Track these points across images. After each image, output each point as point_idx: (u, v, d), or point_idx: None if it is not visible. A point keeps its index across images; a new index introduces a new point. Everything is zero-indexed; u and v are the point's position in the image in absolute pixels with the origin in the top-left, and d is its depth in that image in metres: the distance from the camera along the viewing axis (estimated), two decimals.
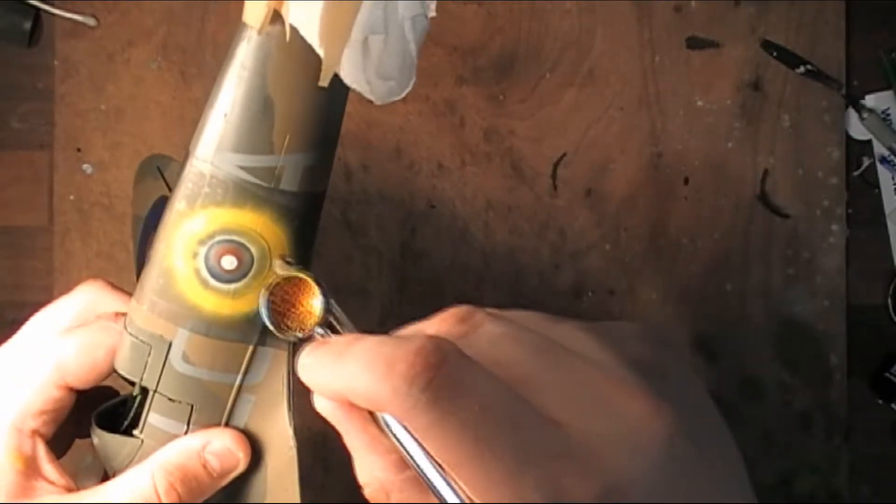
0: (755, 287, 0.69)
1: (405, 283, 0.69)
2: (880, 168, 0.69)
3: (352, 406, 0.32)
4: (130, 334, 0.38)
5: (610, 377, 0.31)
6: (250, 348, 0.38)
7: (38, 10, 0.69)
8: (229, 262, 0.36)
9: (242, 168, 0.35)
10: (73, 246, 0.69)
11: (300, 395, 0.37)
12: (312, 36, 0.33)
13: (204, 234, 0.36)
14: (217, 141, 0.36)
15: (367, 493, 0.33)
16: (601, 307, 0.69)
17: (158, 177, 0.57)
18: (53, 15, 0.69)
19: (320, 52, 0.33)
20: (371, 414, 0.32)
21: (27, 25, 0.68)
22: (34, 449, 0.39)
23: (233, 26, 0.71)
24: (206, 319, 0.37)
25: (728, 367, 0.69)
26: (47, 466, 0.39)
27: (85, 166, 0.69)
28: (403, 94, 0.34)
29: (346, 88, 0.35)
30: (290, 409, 0.38)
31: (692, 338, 0.69)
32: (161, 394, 0.38)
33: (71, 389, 0.40)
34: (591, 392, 0.30)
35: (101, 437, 0.39)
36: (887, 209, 0.69)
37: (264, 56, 0.35)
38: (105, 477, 0.40)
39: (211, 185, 0.36)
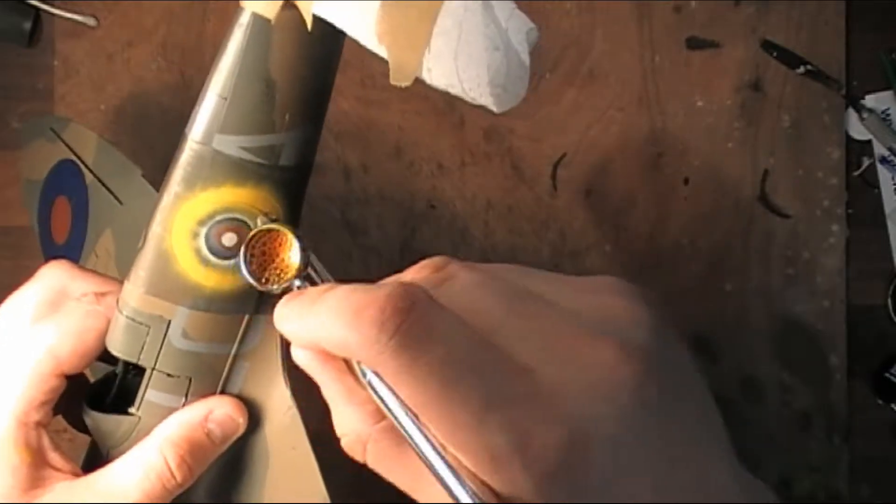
0: (755, 287, 0.69)
1: None
2: (880, 168, 0.69)
3: (327, 356, 0.32)
4: (126, 317, 0.38)
5: (581, 326, 0.31)
6: (246, 317, 0.38)
7: (38, 10, 0.69)
8: (229, 239, 0.37)
9: (244, 149, 0.36)
10: None
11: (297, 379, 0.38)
12: (365, 36, 0.33)
13: (204, 214, 0.36)
14: (217, 123, 0.36)
15: (344, 443, 0.33)
16: None
17: (54, 139, 0.56)
18: (53, 15, 0.69)
19: (380, 52, 0.33)
20: (347, 364, 0.32)
21: (27, 25, 0.68)
22: (39, 440, 0.39)
23: None
24: (207, 296, 0.37)
25: (728, 367, 0.69)
26: (53, 454, 0.39)
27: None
28: (518, 101, 0.35)
29: (338, 59, 0.36)
30: (284, 370, 0.39)
31: (692, 338, 0.69)
32: (159, 371, 0.38)
33: (64, 376, 0.40)
34: (560, 340, 0.31)
35: (94, 419, 0.40)
36: (887, 209, 0.69)
37: (265, 38, 0.35)
38: (98, 455, 0.41)
39: (212, 167, 0.36)
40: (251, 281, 0.36)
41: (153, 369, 0.38)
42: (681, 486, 0.31)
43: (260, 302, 0.38)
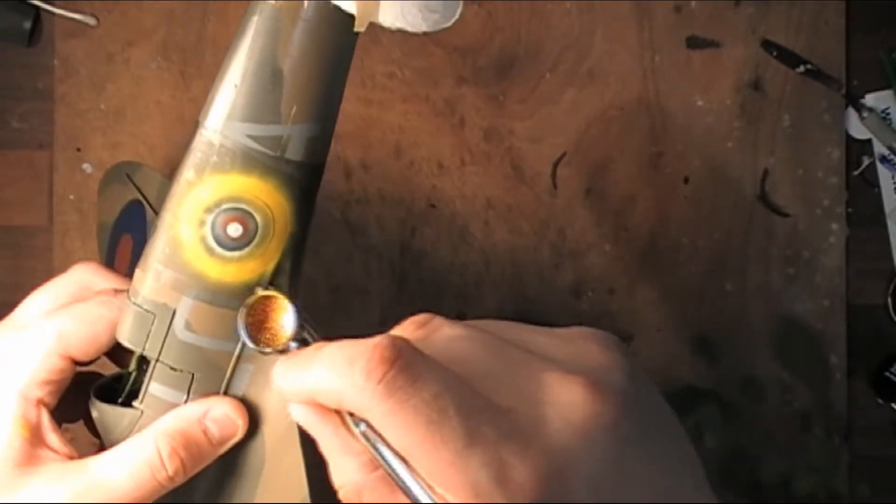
0: (755, 287, 0.69)
1: (405, 283, 0.69)
2: (880, 167, 0.69)
3: (323, 409, 0.34)
4: (134, 304, 0.39)
5: (557, 369, 0.33)
6: None
7: (38, 9, 0.69)
8: (235, 230, 0.37)
9: (250, 137, 0.37)
10: (72, 246, 0.69)
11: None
12: None
13: (211, 201, 0.37)
14: (227, 110, 0.37)
15: (342, 494, 0.34)
16: (601, 307, 0.69)
17: (127, 182, 0.57)
18: (53, 15, 0.69)
19: (347, 7, 0.35)
20: (341, 418, 0.34)
21: (27, 25, 0.68)
22: (39, 417, 0.40)
23: (233, 26, 0.71)
24: (211, 287, 0.38)
25: (728, 367, 0.69)
26: (51, 435, 0.40)
27: (85, 166, 0.69)
28: (450, 24, 0.36)
29: (349, 64, 0.37)
30: None
31: (692, 338, 0.69)
32: (163, 363, 0.39)
33: (72, 361, 0.41)
34: (538, 382, 0.32)
35: (100, 410, 0.40)
36: (887, 209, 0.69)
37: (276, 29, 0.36)
38: (102, 449, 0.41)
39: (220, 153, 0.37)
40: (250, 344, 0.37)
41: (157, 360, 0.39)
42: None
43: None
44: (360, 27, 0.36)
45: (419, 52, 0.69)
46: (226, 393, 0.40)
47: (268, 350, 0.37)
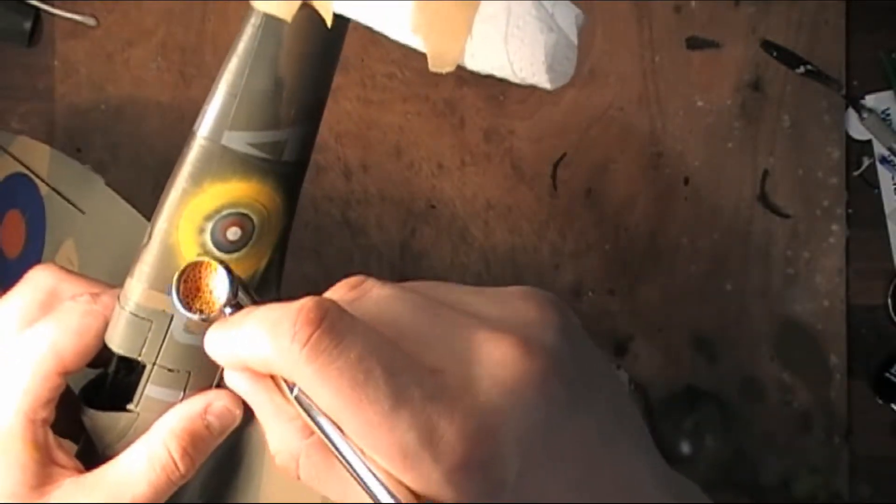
0: (755, 287, 0.69)
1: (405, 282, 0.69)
2: (880, 168, 0.69)
3: (256, 375, 0.34)
4: (129, 312, 0.39)
5: (488, 328, 0.32)
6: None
7: (38, 10, 0.69)
8: (234, 234, 0.38)
9: (251, 145, 0.37)
10: None
11: None
12: (394, 29, 0.35)
13: (211, 209, 0.37)
14: (226, 121, 0.37)
15: (278, 460, 0.34)
16: (601, 307, 0.69)
17: (2, 154, 0.56)
18: (53, 15, 0.69)
19: (414, 43, 0.35)
20: (275, 383, 0.34)
21: (27, 25, 0.68)
22: (46, 437, 0.39)
23: (233, 26, 0.71)
24: None
25: (728, 367, 0.69)
26: (58, 452, 0.40)
27: (85, 166, 0.69)
28: (568, 80, 0.37)
29: (339, 56, 0.37)
30: None
31: (692, 338, 0.69)
32: (160, 366, 0.39)
33: (64, 375, 0.40)
34: (468, 342, 0.32)
35: (93, 417, 0.40)
36: (887, 209, 0.69)
37: (276, 39, 0.36)
38: (92, 453, 0.41)
39: (220, 163, 0.37)
40: (182, 311, 0.37)
41: (154, 364, 0.39)
42: (598, 486, 0.32)
43: (257, 294, 0.39)
44: (438, 67, 0.35)
45: (419, 52, 0.69)
46: (219, 385, 0.40)
47: (202, 317, 0.37)
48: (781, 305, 0.69)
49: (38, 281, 0.42)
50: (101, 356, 0.41)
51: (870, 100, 0.69)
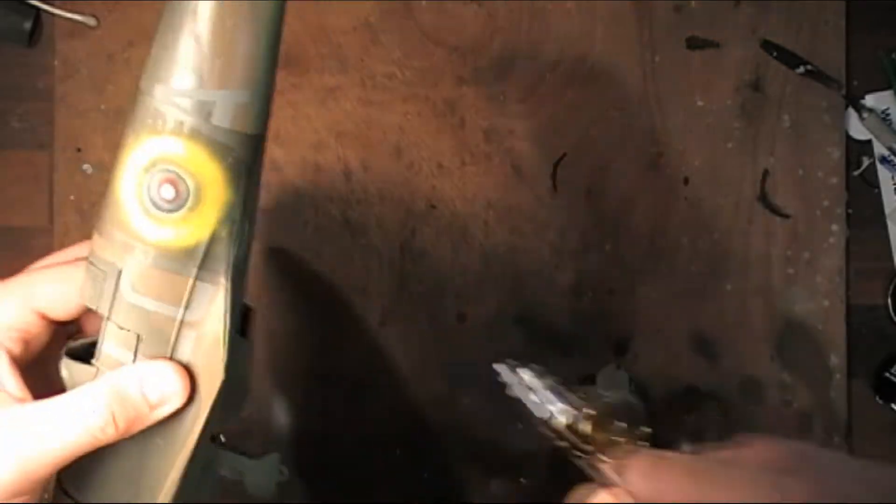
0: (755, 287, 0.69)
1: (405, 283, 0.69)
2: (880, 168, 0.69)
3: None
4: (90, 263, 0.40)
5: None
6: (190, 281, 0.39)
7: (38, 10, 0.69)
8: (168, 192, 0.38)
9: (177, 98, 0.38)
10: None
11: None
12: None
13: (147, 162, 0.38)
14: (156, 74, 0.38)
15: None
16: (601, 307, 0.69)
17: None
18: (53, 15, 0.69)
19: None
20: None
21: (27, 25, 0.68)
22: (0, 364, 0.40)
23: None
24: (150, 249, 0.39)
25: (728, 367, 0.69)
26: (8, 378, 0.41)
27: (85, 166, 0.69)
28: None
29: (276, 32, 0.38)
30: (224, 346, 0.40)
31: (692, 338, 0.69)
32: (113, 322, 0.40)
33: (44, 317, 0.42)
34: None
35: (67, 366, 0.41)
36: (887, 209, 0.69)
37: None
38: None
39: (153, 116, 0.38)
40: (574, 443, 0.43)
41: (108, 319, 0.40)
42: None
43: (202, 269, 0.39)
44: None
45: (419, 52, 0.69)
46: (171, 358, 0.40)
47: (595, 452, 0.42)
48: (781, 305, 0.69)
49: (75, 249, 0.44)
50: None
51: (870, 100, 0.69)
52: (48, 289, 0.42)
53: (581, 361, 0.69)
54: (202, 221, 0.39)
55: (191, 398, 0.40)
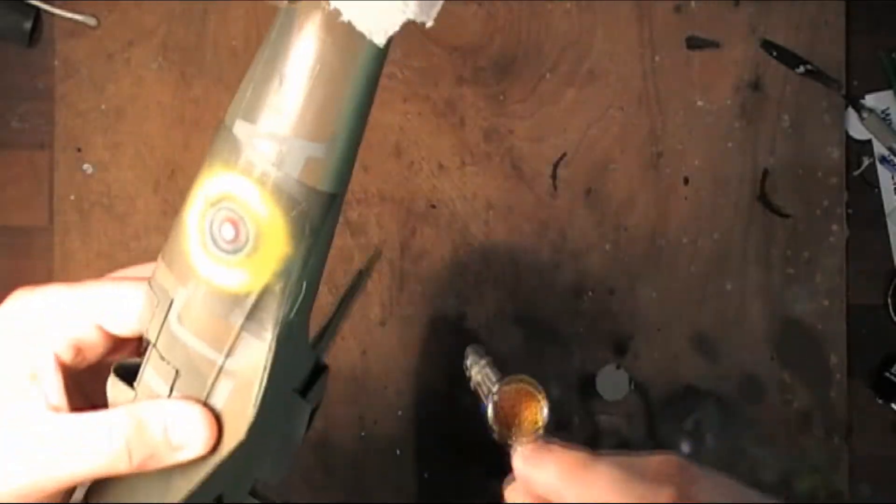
0: (755, 287, 0.69)
1: (405, 282, 0.69)
2: (880, 168, 0.69)
3: None
4: (149, 285, 0.39)
5: None
6: (235, 330, 0.38)
7: (38, 10, 0.69)
8: (229, 232, 0.37)
9: (253, 140, 0.36)
10: (73, 246, 0.69)
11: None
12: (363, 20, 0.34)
13: (215, 196, 0.37)
14: (239, 108, 0.36)
15: None
16: (601, 307, 0.69)
17: None
18: (53, 15, 0.69)
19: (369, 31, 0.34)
20: None
21: (27, 25, 0.68)
22: (45, 367, 0.40)
23: (233, 26, 0.71)
24: (201, 285, 0.38)
25: (728, 367, 0.69)
26: (51, 384, 0.40)
27: (85, 166, 0.69)
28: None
29: (367, 91, 0.36)
30: (255, 406, 0.38)
31: (692, 338, 0.69)
32: (157, 349, 0.39)
33: (104, 332, 0.41)
34: None
35: (111, 383, 0.40)
36: (887, 209, 0.69)
37: (288, 30, 0.35)
38: None
39: (228, 149, 0.37)
40: (494, 430, 0.40)
41: (153, 345, 0.39)
42: None
43: (249, 320, 0.38)
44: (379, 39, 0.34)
45: (419, 52, 0.69)
46: (205, 403, 0.39)
47: (510, 440, 0.40)
48: (781, 305, 0.69)
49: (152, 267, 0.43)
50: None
51: (870, 100, 0.69)
52: (111, 303, 0.40)
53: (581, 361, 0.69)
54: (257, 270, 0.37)
55: (214, 448, 0.39)
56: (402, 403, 0.69)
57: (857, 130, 0.69)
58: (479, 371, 0.50)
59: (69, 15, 0.69)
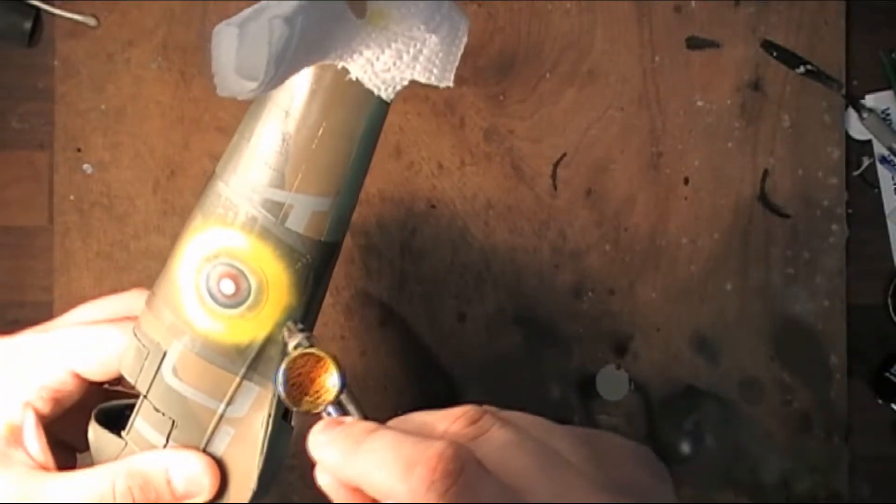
0: (755, 287, 0.69)
1: (405, 283, 0.69)
2: (880, 168, 0.69)
3: (358, 492, 0.33)
4: (136, 336, 0.39)
5: (598, 493, 0.32)
6: (236, 380, 0.38)
7: (38, 10, 0.69)
8: (228, 287, 0.37)
9: (254, 196, 0.36)
10: (73, 246, 0.69)
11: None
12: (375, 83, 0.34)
13: (210, 252, 0.37)
14: (235, 165, 0.36)
15: None
16: (601, 307, 0.69)
17: None
18: (53, 15, 0.69)
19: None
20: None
21: (27, 25, 0.68)
22: (23, 420, 0.39)
23: None
24: (198, 338, 0.37)
25: (728, 367, 0.69)
26: (32, 441, 0.39)
27: (85, 166, 0.69)
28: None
29: (370, 145, 0.37)
30: (261, 453, 0.38)
31: (692, 338, 0.69)
32: (149, 401, 0.38)
33: (78, 377, 0.40)
34: None
35: (95, 432, 0.40)
36: (887, 209, 0.69)
37: (290, 93, 0.35)
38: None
39: (224, 206, 0.36)
40: (286, 399, 0.36)
41: (145, 397, 0.38)
42: None
43: (251, 369, 0.38)
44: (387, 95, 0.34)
45: None
46: (205, 450, 0.39)
47: (302, 409, 0.36)
48: (781, 305, 0.69)
49: (129, 297, 0.42)
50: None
51: (870, 100, 0.69)
52: (87, 351, 0.40)
53: (581, 361, 0.69)
54: (260, 322, 0.37)
55: (218, 494, 0.39)
56: (402, 403, 0.69)
57: (857, 130, 0.69)
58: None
59: (69, 15, 0.69)
